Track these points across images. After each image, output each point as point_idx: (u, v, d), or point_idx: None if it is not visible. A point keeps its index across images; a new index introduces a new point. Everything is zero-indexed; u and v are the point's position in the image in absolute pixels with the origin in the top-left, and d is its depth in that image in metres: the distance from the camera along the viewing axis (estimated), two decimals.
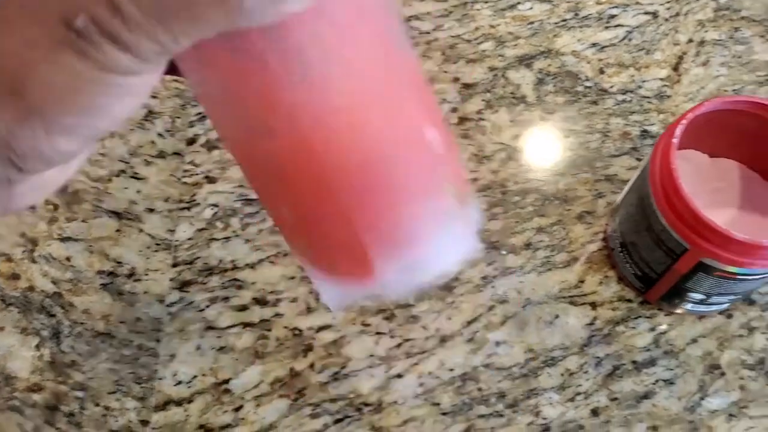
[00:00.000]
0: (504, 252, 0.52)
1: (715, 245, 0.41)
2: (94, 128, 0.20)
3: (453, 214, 0.27)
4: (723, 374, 0.49)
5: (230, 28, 0.19)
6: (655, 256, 0.45)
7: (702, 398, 0.48)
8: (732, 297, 0.46)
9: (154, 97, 0.55)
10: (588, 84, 0.57)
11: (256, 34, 0.21)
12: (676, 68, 0.58)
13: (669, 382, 0.48)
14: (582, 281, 0.51)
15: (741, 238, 0.40)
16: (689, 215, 0.41)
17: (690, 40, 0.59)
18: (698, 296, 0.46)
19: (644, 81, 0.57)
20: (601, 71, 0.57)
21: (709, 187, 0.50)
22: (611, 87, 0.57)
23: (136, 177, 0.52)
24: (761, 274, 0.43)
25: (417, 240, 0.26)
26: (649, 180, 0.44)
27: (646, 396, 0.48)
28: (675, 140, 0.42)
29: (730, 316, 0.50)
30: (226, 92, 0.23)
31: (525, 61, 0.58)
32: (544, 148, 0.55)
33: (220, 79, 0.23)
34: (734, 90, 0.57)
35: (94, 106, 0.19)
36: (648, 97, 0.56)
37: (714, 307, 0.48)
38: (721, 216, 0.48)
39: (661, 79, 0.57)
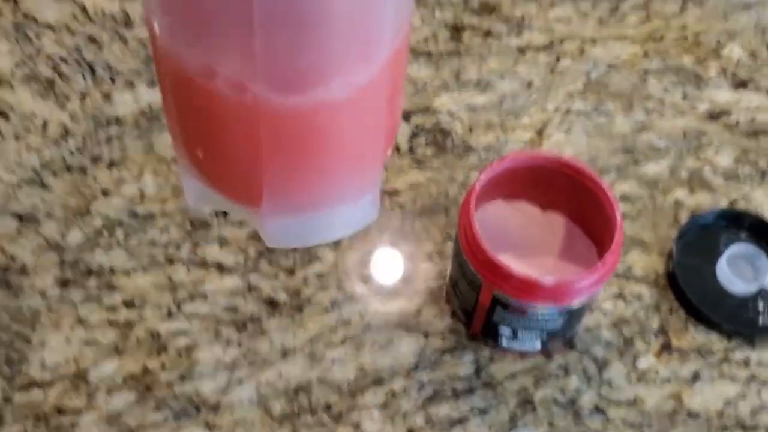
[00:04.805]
0: (354, 279, 0.57)
1: (500, 279, 0.46)
2: None
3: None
4: (534, 409, 0.53)
5: None
6: (467, 290, 0.50)
7: (511, 428, 0.52)
8: (538, 333, 0.51)
9: (71, 117, 0.63)
10: (457, 140, 0.63)
11: None
12: (540, 133, 0.64)
13: (483, 411, 0.52)
14: (419, 312, 0.56)
15: (517, 274, 0.45)
16: (479, 252, 0.47)
17: (557, 109, 0.65)
18: (507, 330, 0.51)
19: (507, 141, 0.63)
20: (470, 130, 0.64)
21: (539, 238, 0.55)
22: (477, 144, 0.63)
23: (43, 186, 0.60)
24: (549, 312, 0.48)
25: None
26: (458, 221, 0.49)
27: (460, 421, 0.52)
28: (477, 184, 0.48)
29: (550, 357, 0.55)
30: None
31: (404, 115, 0.64)
32: (407, 192, 0.61)
33: None
34: (590, 156, 0.63)
35: None
36: None
37: (528, 345, 0.52)
38: (542, 264, 0.53)
39: (524, 142, 0.63)
